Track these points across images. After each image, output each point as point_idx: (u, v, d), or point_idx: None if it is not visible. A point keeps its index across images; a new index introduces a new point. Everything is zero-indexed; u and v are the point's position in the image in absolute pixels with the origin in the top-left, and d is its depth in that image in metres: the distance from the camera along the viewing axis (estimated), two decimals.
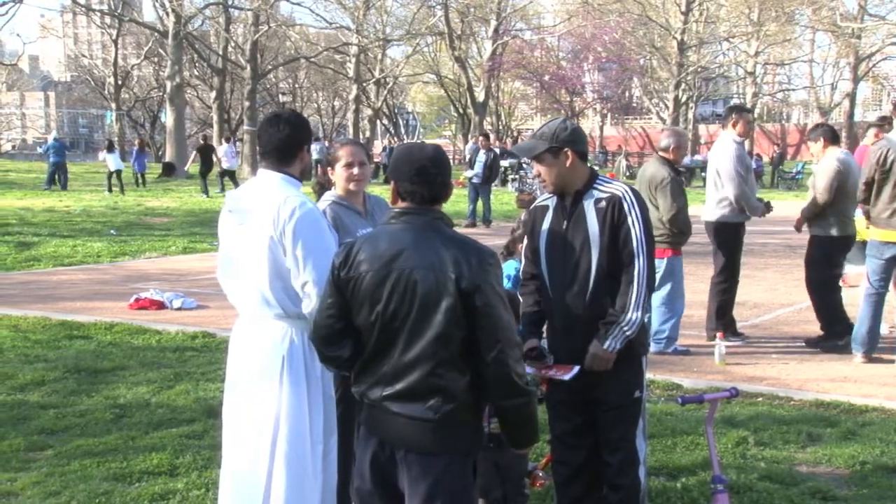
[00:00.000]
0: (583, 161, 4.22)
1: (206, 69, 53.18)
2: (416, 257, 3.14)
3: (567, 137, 4.16)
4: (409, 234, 3.20)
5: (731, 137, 8.71)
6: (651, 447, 5.40)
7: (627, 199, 4.13)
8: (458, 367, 3.15)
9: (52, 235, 17.95)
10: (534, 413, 3.33)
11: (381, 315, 3.16)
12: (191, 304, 10.88)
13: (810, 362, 8.19)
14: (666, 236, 8.06)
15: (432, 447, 3.17)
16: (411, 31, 51.10)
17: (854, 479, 5.38)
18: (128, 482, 5.34)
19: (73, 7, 62.35)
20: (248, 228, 3.85)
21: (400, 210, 3.27)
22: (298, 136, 3.95)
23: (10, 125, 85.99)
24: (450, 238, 3.21)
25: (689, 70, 49.49)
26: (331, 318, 3.30)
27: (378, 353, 3.22)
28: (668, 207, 8.00)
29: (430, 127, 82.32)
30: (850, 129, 52.68)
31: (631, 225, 4.09)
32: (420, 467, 3.17)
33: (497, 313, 3.13)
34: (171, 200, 26.61)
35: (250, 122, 42.20)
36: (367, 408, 3.31)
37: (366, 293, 3.19)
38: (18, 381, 7.41)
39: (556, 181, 4.19)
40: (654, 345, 8.22)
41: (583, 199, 4.18)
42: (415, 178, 3.23)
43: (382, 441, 3.25)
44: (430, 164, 3.25)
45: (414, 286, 3.12)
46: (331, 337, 3.32)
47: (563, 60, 54.76)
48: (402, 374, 3.16)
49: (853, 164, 8.61)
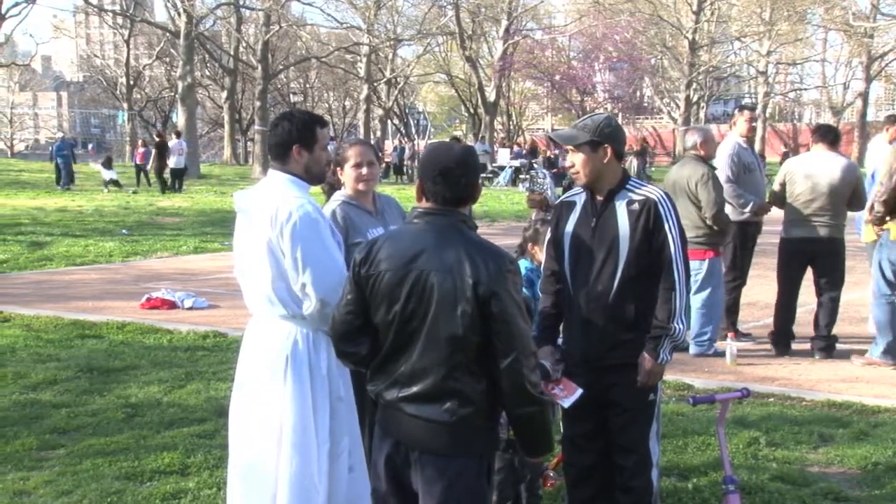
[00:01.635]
0: (619, 159, 4.18)
1: (218, 69, 53.32)
2: (436, 259, 3.13)
3: (609, 133, 4.11)
4: (430, 234, 3.19)
5: (733, 137, 8.75)
6: (663, 447, 5.38)
7: (664, 205, 4.07)
8: (475, 372, 3.14)
9: (65, 235, 18.02)
10: (547, 422, 3.30)
11: (399, 315, 3.16)
12: (202, 304, 10.90)
13: (822, 363, 8.16)
14: (707, 237, 8.07)
15: (448, 450, 3.17)
16: (422, 31, 51.06)
17: (866, 479, 5.36)
18: (139, 481, 5.36)
19: (85, 7, 62.48)
20: (253, 229, 3.86)
21: (423, 210, 3.25)
22: (289, 136, 3.88)
23: (23, 125, 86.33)
24: (470, 241, 3.19)
25: (701, 70, 49.38)
26: (350, 314, 3.29)
27: (395, 352, 3.21)
28: (713, 202, 7.96)
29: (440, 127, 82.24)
30: (862, 128, 52.46)
31: (668, 231, 4.04)
32: (435, 469, 3.17)
33: (513, 321, 3.10)
34: (183, 200, 26.69)
35: (261, 122, 42.26)
36: (382, 408, 3.30)
37: (384, 292, 3.18)
38: (31, 381, 7.44)
39: (591, 175, 4.13)
40: (695, 347, 8.23)
41: (615, 199, 4.12)
42: (438, 179, 3.21)
43: (397, 442, 3.25)
44: (454, 165, 3.22)
45: (431, 288, 3.11)
46: (348, 333, 3.32)
47: (574, 60, 54.64)
48: (419, 376, 3.16)
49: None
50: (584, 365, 4.18)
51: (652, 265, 4.07)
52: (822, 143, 8.40)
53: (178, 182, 30.11)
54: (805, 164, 8.51)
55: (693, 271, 8.08)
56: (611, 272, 4.08)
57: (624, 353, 4.12)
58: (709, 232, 8.06)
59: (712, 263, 8.17)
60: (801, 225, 8.31)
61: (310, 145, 3.92)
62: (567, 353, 4.26)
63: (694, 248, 8.02)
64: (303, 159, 3.91)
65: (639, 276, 4.07)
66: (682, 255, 4.08)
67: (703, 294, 8.12)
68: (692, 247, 7.98)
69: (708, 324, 8.24)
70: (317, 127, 3.97)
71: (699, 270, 8.08)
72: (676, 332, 4.06)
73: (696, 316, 8.15)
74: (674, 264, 4.05)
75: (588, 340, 4.17)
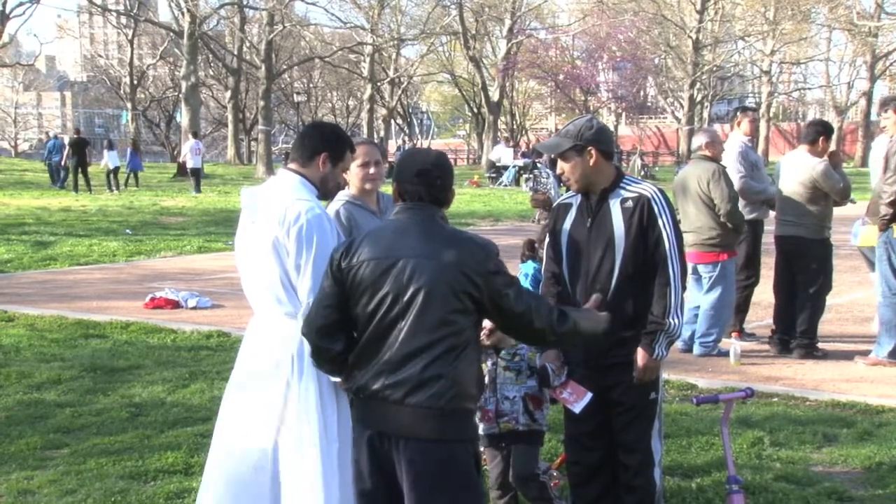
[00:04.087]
0: (608, 160, 4.19)
1: (222, 69, 53.39)
2: (419, 247, 3.22)
3: (592, 136, 4.13)
4: (413, 225, 3.30)
5: (737, 137, 8.80)
6: (666, 447, 5.38)
7: (657, 201, 4.08)
8: (461, 357, 3.20)
9: (69, 235, 18.04)
10: (579, 331, 3.43)
11: (382, 302, 3.22)
12: (206, 304, 10.91)
13: (826, 363, 8.14)
14: (721, 237, 8.05)
15: (437, 434, 3.20)
16: (426, 31, 51.06)
17: (870, 479, 5.35)
18: (143, 481, 5.36)
19: (89, 7, 62.59)
20: (258, 227, 3.87)
21: (403, 206, 3.37)
22: (322, 142, 3.94)
23: (27, 125, 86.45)
24: (451, 231, 3.33)
25: (705, 69, 49.33)
26: (327, 308, 3.35)
27: (375, 342, 3.26)
28: (727, 197, 7.95)
29: (444, 126, 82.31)
30: (866, 128, 52.39)
31: (662, 227, 4.05)
32: (424, 455, 3.20)
33: (513, 289, 3.25)
34: (186, 200, 26.71)
35: (265, 122, 42.30)
36: (363, 401, 3.31)
37: (368, 282, 3.25)
38: (35, 380, 7.45)
39: (580, 180, 4.17)
40: (701, 348, 8.22)
41: (608, 199, 4.14)
42: (415, 179, 3.33)
43: (380, 434, 3.26)
44: (431, 167, 3.36)
45: (417, 275, 3.18)
46: (326, 328, 3.37)
47: (578, 60, 54.58)
48: (405, 363, 3.20)
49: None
50: (586, 364, 4.19)
51: (648, 262, 4.08)
52: (803, 143, 8.46)
53: (196, 182, 29.86)
54: (783, 163, 8.64)
55: (706, 273, 8.08)
56: (608, 271, 4.10)
57: (624, 352, 4.12)
58: (722, 233, 8.03)
59: (725, 265, 8.15)
60: (779, 224, 8.45)
61: (336, 160, 3.98)
62: (568, 354, 4.27)
63: (707, 250, 8.02)
64: (325, 169, 3.96)
65: (636, 274, 4.09)
66: (677, 250, 4.09)
67: (714, 295, 8.10)
68: (706, 249, 8.00)
69: (715, 325, 8.22)
70: (347, 148, 4.04)
71: (712, 273, 8.08)
72: (671, 327, 4.08)
73: (703, 317, 8.14)
74: (669, 260, 4.07)
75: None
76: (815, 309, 8.32)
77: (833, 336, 8.97)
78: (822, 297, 8.36)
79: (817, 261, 8.30)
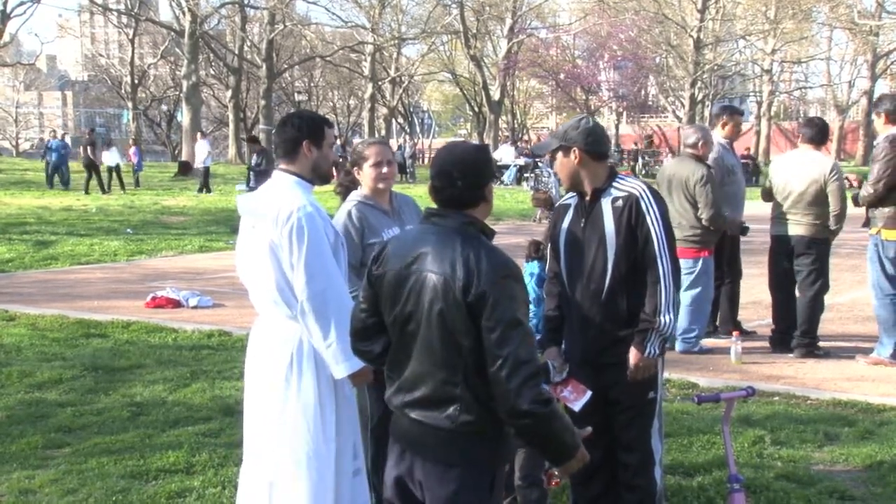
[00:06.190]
0: (596, 160, 4.20)
1: (223, 68, 53.37)
2: (433, 261, 3.02)
3: (576, 136, 4.17)
4: (432, 236, 3.09)
5: (715, 139, 8.58)
6: (667, 446, 5.38)
7: (645, 199, 4.10)
8: (475, 377, 2.98)
9: (70, 234, 18.05)
10: (552, 431, 2.99)
11: (399, 317, 3.10)
12: (207, 303, 10.91)
13: (827, 361, 8.14)
14: (702, 235, 8.09)
15: (448, 457, 3.05)
16: (427, 30, 51.09)
17: (871, 478, 5.36)
18: (144, 480, 5.37)
19: (90, 6, 62.58)
20: (257, 230, 3.89)
21: (430, 211, 3.19)
22: (299, 132, 3.95)
23: (28, 124, 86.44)
24: (471, 244, 3.03)
25: (706, 68, 49.25)
26: (363, 312, 3.26)
27: (398, 356, 3.15)
28: (711, 204, 7.98)
29: (445, 125, 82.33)
30: (867, 127, 52.32)
31: (651, 224, 4.07)
32: (435, 478, 3.06)
33: (501, 327, 2.91)
34: (188, 199, 26.70)
35: (266, 121, 42.35)
36: (394, 415, 3.24)
37: (388, 293, 3.13)
38: (36, 380, 7.46)
39: (567, 178, 4.25)
40: (682, 344, 8.24)
41: (600, 198, 4.17)
42: (434, 180, 3.14)
43: (404, 450, 3.16)
44: (452, 167, 3.11)
45: (426, 291, 3.02)
46: (363, 331, 3.28)
47: (579, 59, 54.55)
48: (420, 381, 3.07)
49: None
50: (584, 364, 4.20)
51: (640, 261, 4.10)
52: (806, 141, 8.41)
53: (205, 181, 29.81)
54: (785, 161, 8.59)
55: (686, 269, 8.08)
56: (602, 270, 4.13)
57: (621, 351, 4.14)
58: (703, 230, 8.09)
59: (706, 262, 8.19)
60: (780, 222, 8.39)
61: (319, 142, 3.98)
62: (568, 353, 4.28)
63: (688, 246, 8.03)
64: (312, 156, 3.96)
65: (630, 273, 4.11)
66: (667, 248, 4.10)
67: (694, 291, 8.14)
68: (687, 245, 8.01)
69: (696, 321, 8.28)
70: (325, 126, 4.05)
71: (693, 270, 8.08)
72: (663, 325, 4.08)
73: (684, 313, 8.14)
74: (658, 258, 4.08)
75: (586, 339, 4.20)
76: (816, 308, 8.32)
77: (834, 335, 8.97)
78: (821, 296, 8.36)
79: (819, 260, 8.30)
